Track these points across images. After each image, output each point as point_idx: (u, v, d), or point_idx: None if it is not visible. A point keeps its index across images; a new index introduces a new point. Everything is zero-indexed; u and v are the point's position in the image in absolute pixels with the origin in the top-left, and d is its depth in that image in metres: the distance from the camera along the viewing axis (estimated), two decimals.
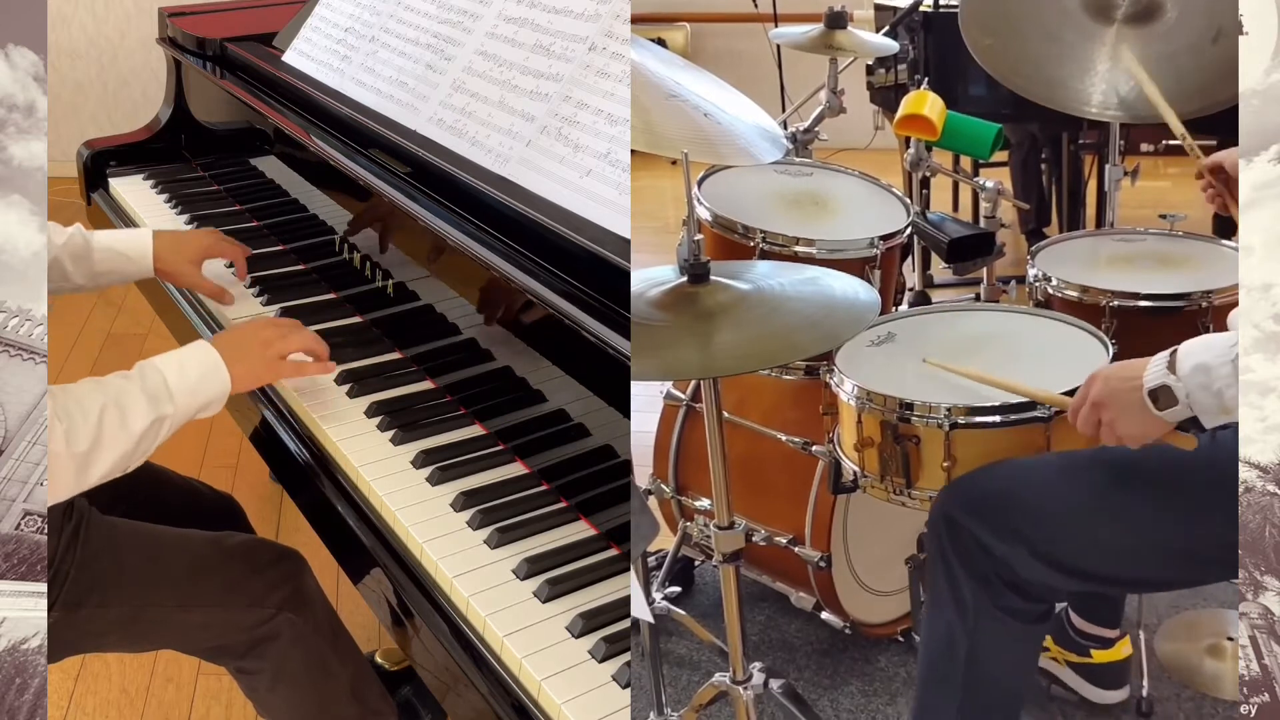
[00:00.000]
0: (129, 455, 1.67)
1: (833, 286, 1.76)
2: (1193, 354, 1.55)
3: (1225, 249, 2.30)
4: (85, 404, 1.63)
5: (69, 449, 1.58)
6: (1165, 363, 1.57)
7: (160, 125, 2.99)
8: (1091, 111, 2.41)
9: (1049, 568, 1.69)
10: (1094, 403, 1.64)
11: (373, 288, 2.14)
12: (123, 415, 1.65)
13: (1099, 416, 1.64)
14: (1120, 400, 1.61)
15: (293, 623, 1.88)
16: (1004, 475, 1.76)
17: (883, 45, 2.94)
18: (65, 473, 1.59)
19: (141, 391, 1.69)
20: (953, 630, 1.75)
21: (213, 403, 1.79)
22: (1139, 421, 1.60)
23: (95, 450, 1.61)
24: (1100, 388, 1.64)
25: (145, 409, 1.68)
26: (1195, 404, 1.55)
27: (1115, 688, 2.34)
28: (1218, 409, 1.54)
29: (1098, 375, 1.66)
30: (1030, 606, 1.73)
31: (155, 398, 1.70)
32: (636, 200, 1.73)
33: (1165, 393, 1.56)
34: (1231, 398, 1.52)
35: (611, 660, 1.43)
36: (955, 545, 1.73)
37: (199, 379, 1.76)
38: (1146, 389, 1.58)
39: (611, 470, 1.65)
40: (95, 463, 1.62)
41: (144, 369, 1.74)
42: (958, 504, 1.74)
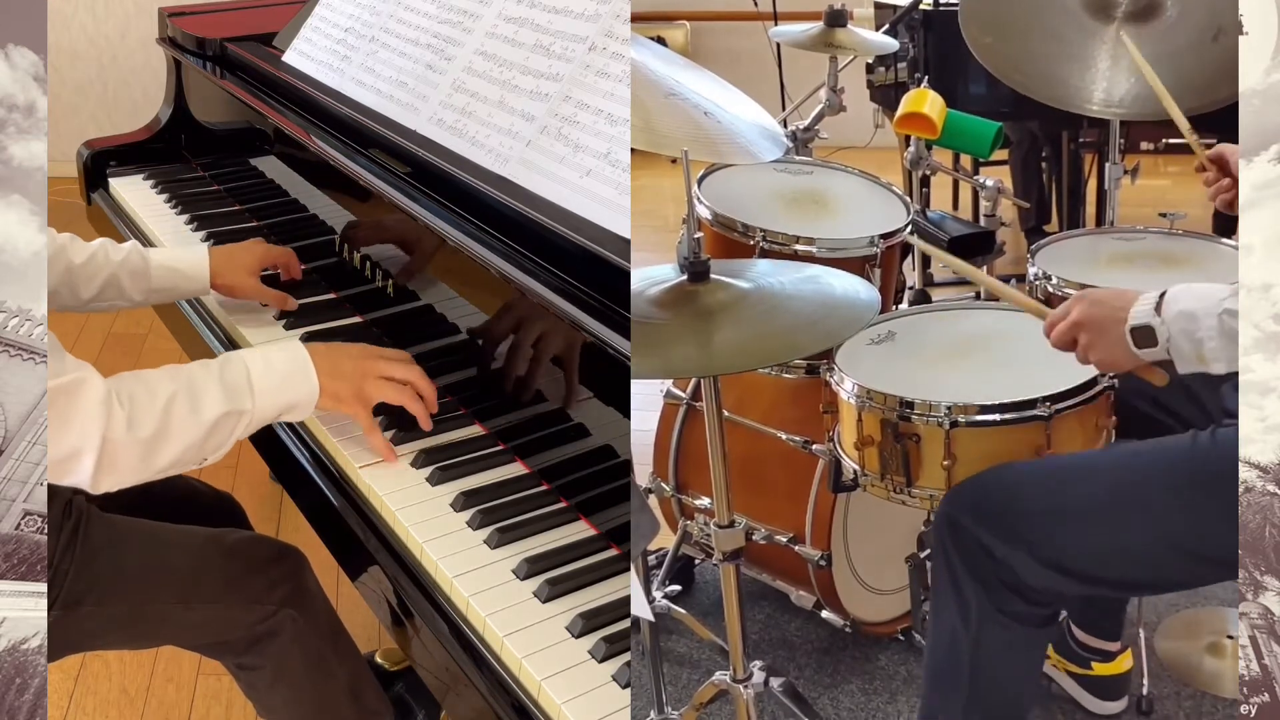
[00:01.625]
0: (199, 446, 1.64)
1: (833, 285, 1.76)
2: (1180, 300, 1.56)
3: (1225, 248, 2.30)
4: (154, 389, 1.61)
5: (130, 434, 1.56)
6: (1153, 303, 1.58)
7: (160, 125, 2.99)
8: (1092, 109, 2.41)
9: (1051, 570, 1.69)
10: (1075, 321, 1.65)
11: (373, 288, 2.14)
12: (194, 403, 1.62)
13: (1075, 335, 1.65)
14: (1101, 327, 1.63)
15: (293, 620, 1.88)
16: (1006, 478, 1.76)
17: (883, 43, 2.94)
18: (129, 458, 1.57)
19: (218, 381, 1.66)
20: (956, 634, 1.75)
21: (298, 406, 1.74)
22: (1114, 351, 1.62)
23: (161, 437, 1.59)
24: (1084, 310, 1.65)
25: (220, 399, 1.65)
26: (1174, 349, 1.56)
27: (1115, 699, 2.34)
28: (1194, 357, 1.55)
29: (1086, 296, 1.67)
30: (1033, 610, 1.73)
31: (234, 390, 1.66)
32: (636, 199, 1.73)
33: (1146, 332, 1.58)
34: (1211, 350, 1.53)
35: (611, 660, 1.43)
36: (958, 548, 1.73)
37: (284, 378, 1.72)
38: (1129, 325, 1.59)
39: (611, 470, 1.65)
40: (161, 450, 1.60)
41: (227, 360, 1.71)
42: (961, 507, 1.74)
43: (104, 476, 1.57)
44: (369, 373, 1.78)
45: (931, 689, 1.85)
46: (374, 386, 1.77)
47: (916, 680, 2.46)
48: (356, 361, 1.79)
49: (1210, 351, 1.53)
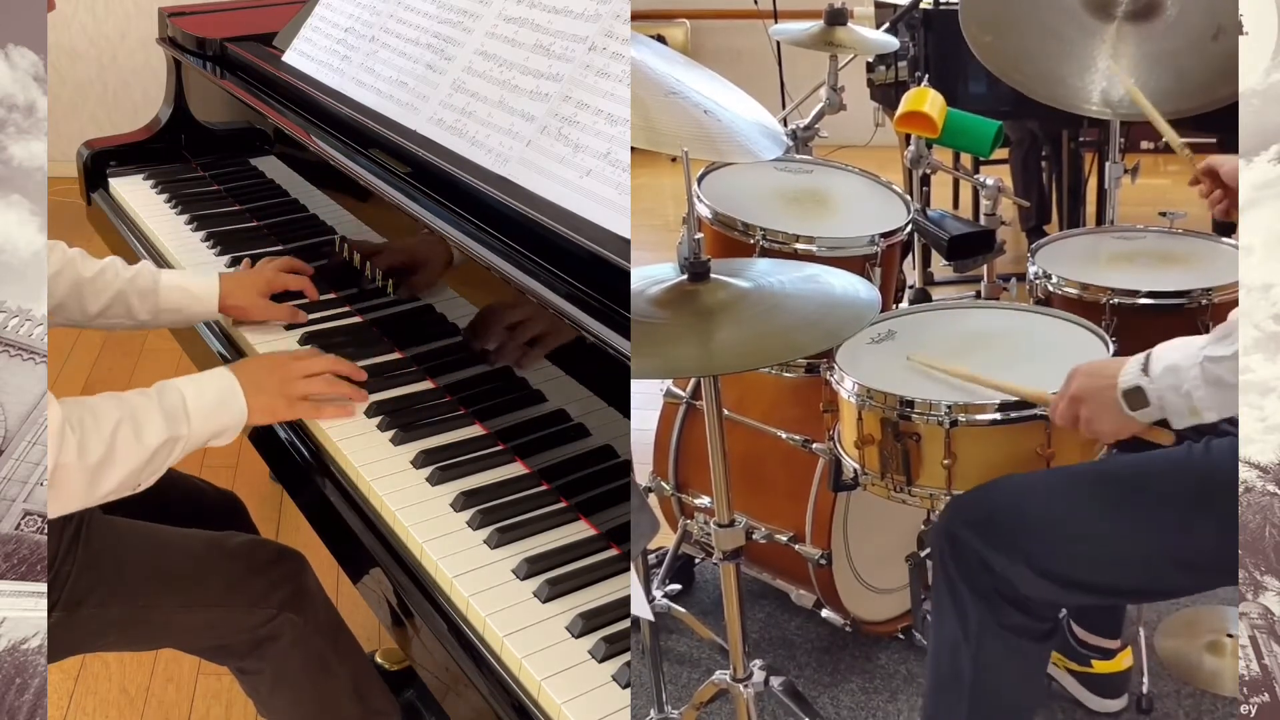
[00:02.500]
0: (140, 471, 1.67)
1: (833, 284, 1.76)
2: (1165, 355, 1.57)
3: (1225, 246, 2.30)
4: (100, 416, 1.63)
5: (80, 460, 1.58)
6: (1140, 364, 1.59)
7: (160, 125, 2.99)
8: (1091, 109, 2.41)
9: (1050, 582, 1.69)
10: (1072, 397, 1.67)
11: (373, 288, 2.14)
12: (137, 430, 1.66)
13: (1076, 411, 1.66)
14: (1096, 398, 1.64)
15: (294, 623, 1.88)
16: (1004, 491, 1.76)
17: (883, 42, 2.94)
18: (75, 484, 1.59)
19: (159, 409, 1.70)
20: (957, 647, 1.76)
21: (227, 430, 1.78)
22: (1113, 419, 1.63)
23: (107, 463, 1.62)
24: (1079, 384, 1.66)
25: (160, 426, 1.68)
26: (1165, 406, 1.57)
27: (1114, 696, 2.34)
28: (1186, 410, 1.56)
29: (1078, 371, 1.68)
30: (1033, 623, 1.74)
31: (172, 417, 1.70)
32: (636, 198, 1.73)
33: (1137, 394, 1.59)
34: (1199, 400, 1.53)
35: (611, 660, 1.43)
36: (958, 562, 1.73)
37: (216, 404, 1.76)
38: (1120, 389, 1.60)
39: (611, 470, 1.65)
40: (106, 476, 1.62)
41: (163, 388, 1.74)
42: (959, 521, 1.75)
43: (51, 502, 1.57)
44: (289, 376, 1.84)
45: (933, 703, 1.85)
46: (300, 387, 1.84)
47: (917, 679, 2.46)
48: (272, 372, 1.85)
49: (1200, 401, 1.54)
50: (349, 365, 1.93)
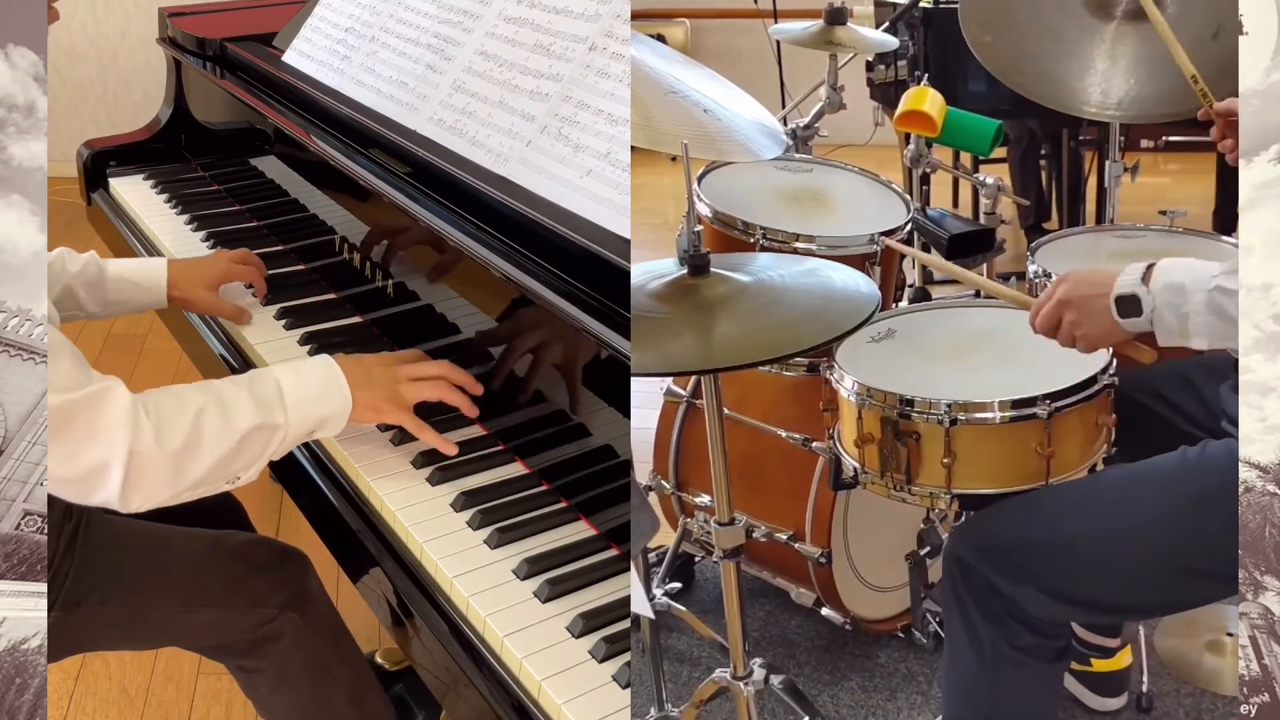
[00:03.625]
0: (230, 460, 1.60)
1: (833, 278, 1.76)
2: (1170, 272, 1.56)
3: (1225, 245, 2.30)
4: (183, 401, 1.58)
5: (159, 446, 1.53)
6: (1139, 274, 1.58)
7: (160, 125, 2.99)
8: (1090, 111, 2.41)
9: (1057, 602, 1.70)
10: (1059, 300, 1.65)
11: (373, 288, 2.14)
12: (225, 415, 1.59)
13: (1061, 314, 1.65)
14: (1085, 303, 1.63)
15: (295, 623, 1.87)
16: (1006, 516, 1.76)
17: (883, 41, 2.94)
18: (158, 472, 1.54)
19: (249, 394, 1.63)
20: (975, 676, 1.76)
21: (331, 419, 1.70)
22: (1099, 325, 1.62)
23: (191, 450, 1.56)
24: (1068, 288, 1.65)
25: (251, 412, 1.61)
26: (1158, 319, 1.56)
27: (1114, 695, 2.35)
28: (1177, 331, 1.55)
29: (1069, 275, 1.67)
30: (1045, 644, 1.74)
31: (265, 403, 1.63)
32: (636, 197, 1.73)
33: (1131, 301, 1.58)
34: (1195, 326, 1.53)
35: (611, 660, 1.43)
36: (969, 587, 1.73)
37: (318, 391, 1.69)
38: (1115, 294, 1.59)
39: (611, 470, 1.65)
40: (192, 463, 1.56)
41: (256, 375, 1.68)
42: (965, 546, 1.75)
43: (133, 491, 1.54)
44: (399, 377, 1.76)
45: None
46: (409, 389, 1.76)
47: (917, 677, 2.47)
48: (386, 369, 1.77)
49: (1195, 326, 1.53)
50: (464, 374, 1.81)
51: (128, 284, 2.13)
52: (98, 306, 2.11)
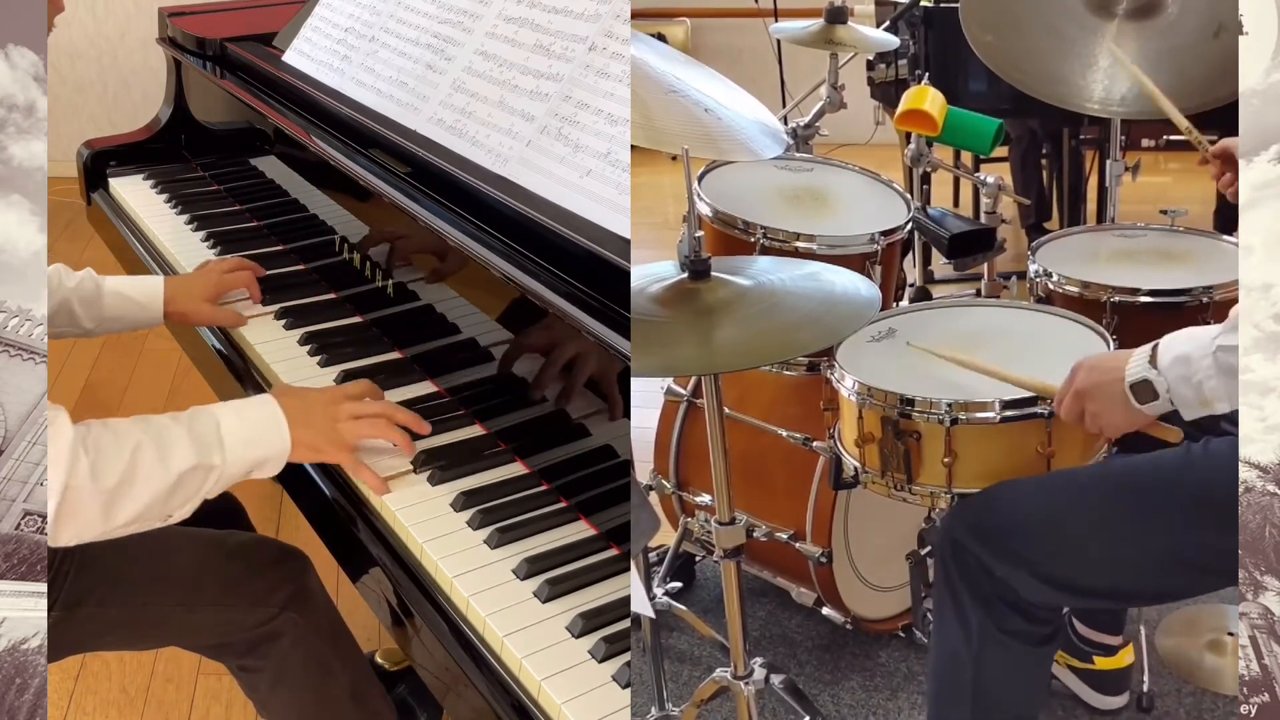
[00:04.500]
0: (164, 500, 1.58)
1: (833, 282, 1.76)
2: (1173, 346, 1.56)
3: (1226, 244, 2.30)
4: (120, 438, 1.56)
5: (94, 483, 1.51)
6: (1147, 356, 1.58)
7: (160, 125, 2.99)
8: (1093, 108, 2.41)
9: (1050, 587, 1.69)
10: (1077, 392, 1.65)
11: (373, 288, 2.14)
12: (161, 453, 1.57)
13: (1082, 406, 1.65)
14: (1102, 392, 1.62)
15: (295, 623, 1.87)
16: (1004, 498, 1.76)
17: (883, 40, 2.94)
18: (89, 509, 1.52)
19: (187, 434, 1.61)
20: (959, 655, 1.76)
21: (270, 461, 1.68)
22: (1120, 413, 1.62)
23: (125, 487, 1.54)
24: (1084, 378, 1.65)
25: (189, 451, 1.59)
26: (1175, 397, 1.56)
27: (1116, 693, 2.35)
28: (1196, 402, 1.54)
29: (1082, 365, 1.66)
30: (1034, 629, 1.74)
31: (203, 443, 1.61)
32: (636, 196, 1.73)
33: (1145, 387, 1.57)
34: (1211, 390, 1.52)
35: (611, 660, 1.43)
36: (960, 569, 1.73)
37: (259, 431, 1.67)
38: (1128, 382, 1.59)
39: (611, 470, 1.65)
40: (124, 502, 1.54)
41: (196, 413, 1.66)
42: (961, 528, 1.75)
43: (63, 526, 1.52)
44: (340, 416, 1.73)
45: (936, 708, 1.85)
46: (349, 428, 1.73)
47: (917, 677, 2.47)
48: (326, 407, 1.74)
49: (1211, 391, 1.52)
50: (407, 414, 1.79)
51: (125, 300, 2.12)
52: (93, 323, 2.11)
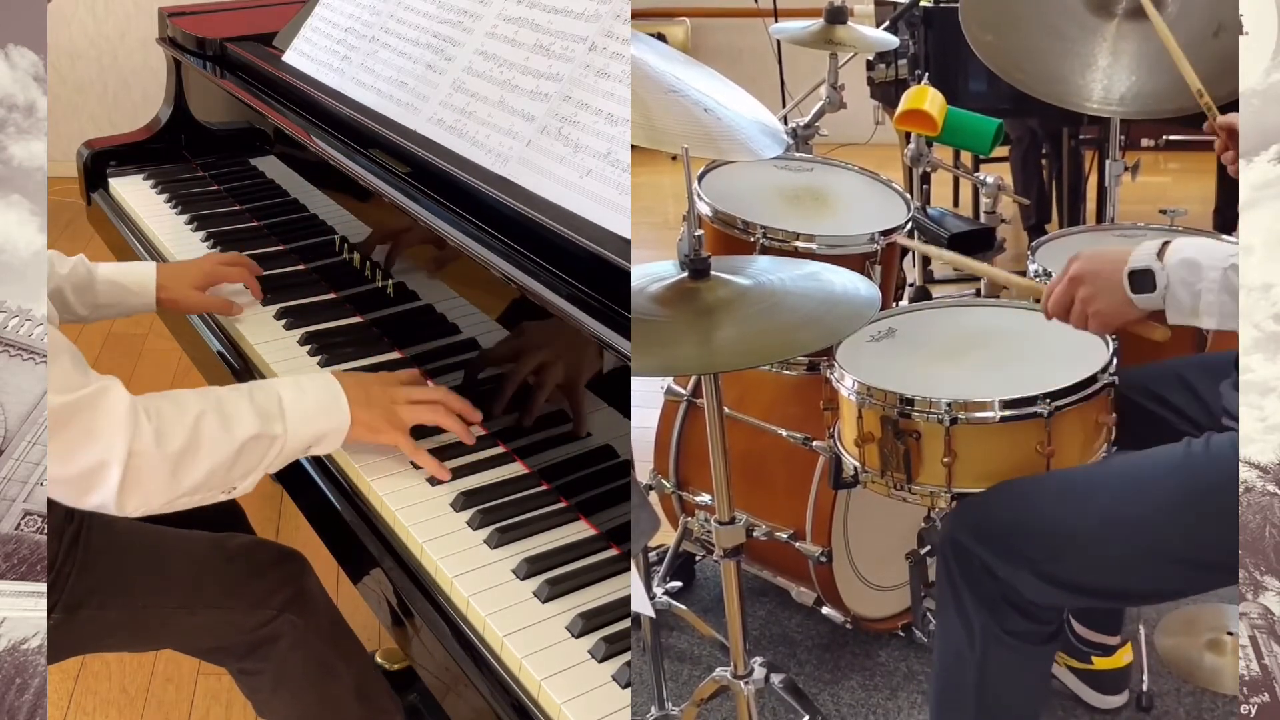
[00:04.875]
0: (227, 467, 1.60)
1: (833, 282, 1.76)
2: (1185, 248, 1.56)
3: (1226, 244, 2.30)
4: (183, 404, 1.58)
5: (159, 448, 1.52)
6: (1155, 249, 1.58)
7: (160, 125, 2.99)
8: (1092, 107, 2.41)
9: (1052, 586, 1.69)
10: (1072, 277, 1.65)
11: (373, 288, 2.14)
12: (224, 421, 1.59)
13: (1074, 292, 1.64)
14: (1099, 277, 1.63)
15: (294, 624, 1.87)
16: (1006, 499, 1.76)
17: (883, 40, 2.94)
18: (156, 474, 1.53)
19: (249, 403, 1.63)
20: (962, 656, 1.76)
21: (329, 436, 1.70)
22: (1112, 300, 1.62)
23: (190, 453, 1.55)
24: (1081, 264, 1.65)
25: (251, 420, 1.61)
26: (1170, 295, 1.55)
27: (1115, 693, 2.35)
28: (1190, 309, 1.54)
29: (1082, 253, 1.67)
30: (1036, 628, 1.74)
31: (265, 413, 1.63)
32: (636, 195, 1.73)
33: (1145, 276, 1.57)
34: (1208, 304, 1.52)
35: (611, 660, 1.43)
36: (962, 570, 1.73)
37: (318, 406, 1.68)
38: (1129, 267, 1.58)
39: (611, 470, 1.65)
40: (190, 468, 1.56)
41: (257, 385, 1.68)
42: (962, 528, 1.75)
43: (130, 493, 1.53)
44: (398, 399, 1.76)
45: (938, 709, 1.85)
46: (407, 411, 1.75)
47: (917, 676, 2.47)
48: (385, 389, 1.77)
49: (1206, 305, 1.52)
50: (462, 402, 1.81)
51: (117, 287, 2.13)
52: (86, 309, 2.11)
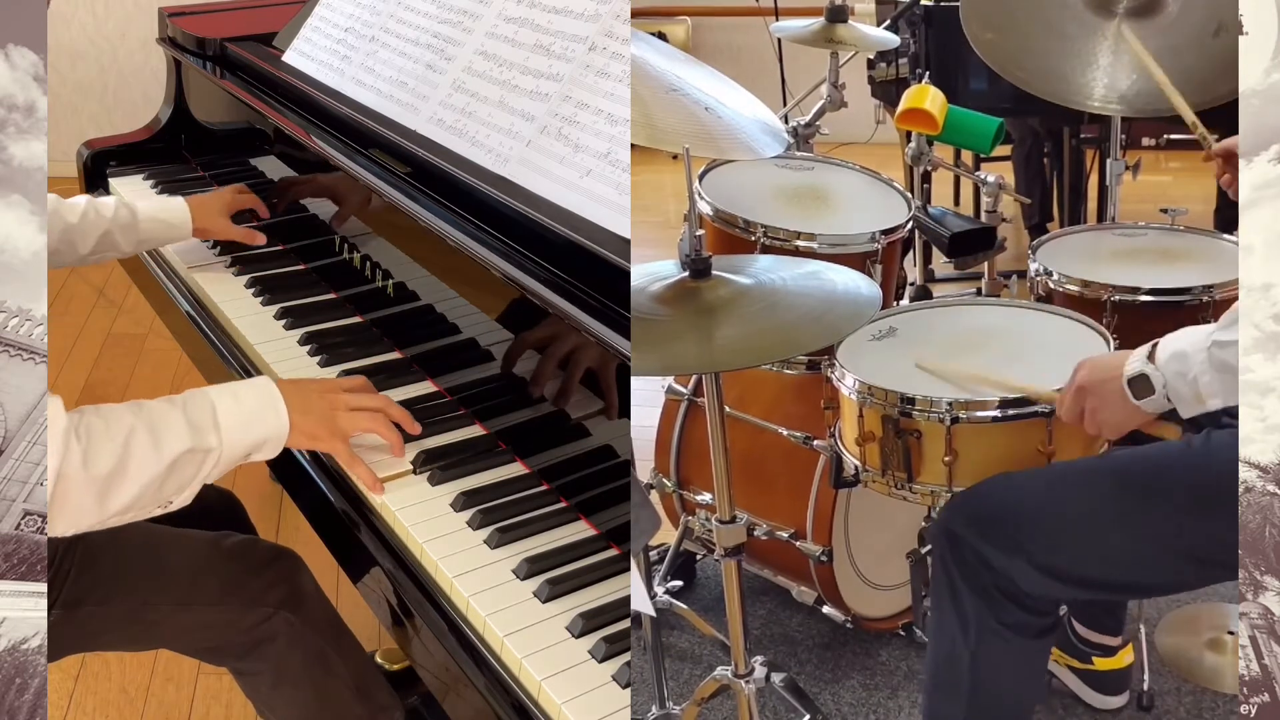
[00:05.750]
0: (158, 486, 1.56)
1: (834, 281, 1.76)
2: (1171, 344, 1.58)
3: (1226, 243, 2.30)
4: (112, 423, 1.54)
5: (87, 471, 1.49)
6: (1146, 353, 1.59)
7: (160, 125, 2.99)
8: (1093, 105, 2.41)
9: (1049, 578, 1.69)
10: (1078, 389, 1.66)
11: (373, 288, 2.14)
12: (155, 439, 1.55)
13: (1082, 404, 1.65)
14: (1102, 388, 1.64)
15: (290, 622, 1.87)
16: (1002, 488, 1.76)
17: (884, 39, 2.93)
18: (82, 497, 1.50)
19: (182, 417, 1.59)
20: (956, 646, 1.76)
21: (267, 444, 1.66)
22: (1118, 409, 1.63)
23: (118, 474, 1.52)
24: (1084, 375, 1.66)
25: (184, 435, 1.57)
26: (1172, 392, 1.57)
27: (1116, 693, 2.35)
28: (1193, 398, 1.55)
29: (1085, 363, 1.68)
30: (1031, 620, 1.74)
31: (198, 427, 1.59)
32: (636, 194, 1.73)
33: (1143, 381, 1.59)
34: (1205, 386, 1.53)
35: (611, 660, 1.43)
36: (957, 560, 1.73)
37: (254, 414, 1.65)
38: (1126, 377, 1.60)
39: (611, 470, 1.65)
40: (118, 490, 1.52)
41: (191, 396, 1.64)
42: (958, 519, 1.75)
43: (57, 517, 1.50)
44: (338, 405, 1.73)
45: (932, 700, 1.85)
46: (346, 419, 1.73)
47: (917, 675, 2.47)
48: (325, 396, 1.74)
49: (1205, 387, 1.54)
50: (401, 411, 1.78)
51: (159, 223, 2.32)
52: (131, 246, 2.31)
